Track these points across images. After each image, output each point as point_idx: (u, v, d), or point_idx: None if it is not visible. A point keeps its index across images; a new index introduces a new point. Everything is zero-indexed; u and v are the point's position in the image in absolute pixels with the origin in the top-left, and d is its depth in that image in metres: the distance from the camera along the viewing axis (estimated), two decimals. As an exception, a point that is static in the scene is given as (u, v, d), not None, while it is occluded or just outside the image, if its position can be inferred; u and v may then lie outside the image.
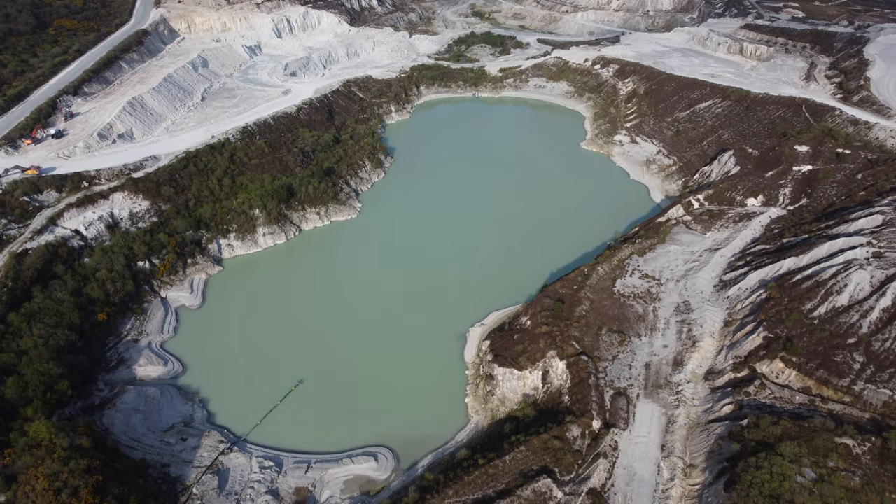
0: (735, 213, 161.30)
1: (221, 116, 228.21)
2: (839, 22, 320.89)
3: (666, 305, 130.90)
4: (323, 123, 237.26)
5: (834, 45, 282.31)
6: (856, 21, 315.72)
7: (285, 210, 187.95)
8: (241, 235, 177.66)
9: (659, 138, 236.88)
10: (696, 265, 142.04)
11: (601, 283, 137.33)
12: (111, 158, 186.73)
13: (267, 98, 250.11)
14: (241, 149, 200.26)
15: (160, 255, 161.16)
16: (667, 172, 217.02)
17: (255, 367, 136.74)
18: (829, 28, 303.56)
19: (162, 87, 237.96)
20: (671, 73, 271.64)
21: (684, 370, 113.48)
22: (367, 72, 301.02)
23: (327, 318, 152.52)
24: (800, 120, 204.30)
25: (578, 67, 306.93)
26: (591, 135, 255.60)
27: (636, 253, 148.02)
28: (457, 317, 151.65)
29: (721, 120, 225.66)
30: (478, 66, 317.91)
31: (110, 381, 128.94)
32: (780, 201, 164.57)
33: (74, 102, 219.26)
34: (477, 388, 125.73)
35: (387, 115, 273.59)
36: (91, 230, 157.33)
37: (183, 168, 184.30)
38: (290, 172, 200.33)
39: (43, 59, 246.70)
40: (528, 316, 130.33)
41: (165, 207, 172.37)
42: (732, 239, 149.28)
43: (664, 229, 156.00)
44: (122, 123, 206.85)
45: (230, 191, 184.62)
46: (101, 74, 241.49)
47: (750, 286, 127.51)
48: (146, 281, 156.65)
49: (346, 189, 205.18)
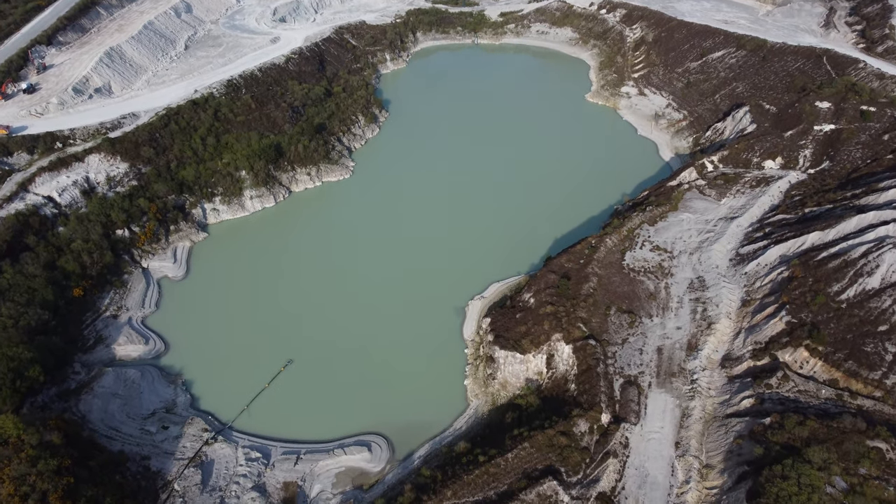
0: (752, 178, 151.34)
1: (206, 68, 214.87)
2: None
3: (679, 281, 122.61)
4: (314, 75, 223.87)
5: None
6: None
7: (274, 171, 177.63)
8: (227, 199, 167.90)
9: (668, 90, 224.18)
10: (710, 236, 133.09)
11: (609, 256, 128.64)
12: (87, 116, 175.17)
13: (254, 47, 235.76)
14: (226, 104, 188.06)
15: (140, 223, 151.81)
16: (676, 128, 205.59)
17: (242, 345, 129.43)
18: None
19: (142, 36, 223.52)
20: (682, 18, 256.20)
21: (699, 356, 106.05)
22: (360, 16, 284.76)
23: (318, 289, 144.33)
24: (820, 73, 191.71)
25: (583, 12, 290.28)
26: (597, 86, 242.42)
27: (646, 222, 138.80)
28: (455, 288, 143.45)
29: (735, 71, 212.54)
30: (477, 10, 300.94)
31: (88, 363, 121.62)
32: (801, 164, 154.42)
33: (48, 53, 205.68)
34: (477, 369, 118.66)
35: (381, 64, 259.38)
36: (65, 196, 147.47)
37: (164, 126, 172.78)
38: (278, 130, 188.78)
39: (14, 6, 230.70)
40: (532, 293, 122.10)
41: (145, 170, 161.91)
42: (749, 206, 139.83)
43: (676, 195, 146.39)
44: (100, 76, 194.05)
45: (214, 151, 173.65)
46: (76, 22, 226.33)
47: (770, 262, 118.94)
48: (126, 251, 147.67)
49: (339, 147, 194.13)
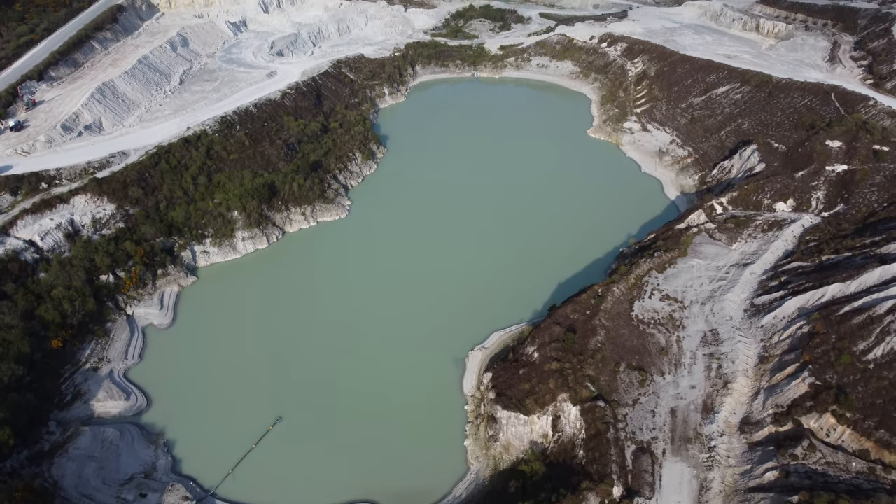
0: (763, 221, 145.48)
1: (200, 103, 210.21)
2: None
3: (691, 335, 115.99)
4: (310, 110, 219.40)
5: (857, 22, 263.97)
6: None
7: (267, 211, 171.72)
8: (217, 241, 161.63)
9: (672, 126, 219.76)
10: (722, 284, 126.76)
11: (617, 306, 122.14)
12: (75, 154, 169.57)
13: (250, 81, 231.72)
14: (219, 142, 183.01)
15: (126, 267, 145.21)
16: (681, 165, 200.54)
17: (229, 399, 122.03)
18: (851, 4, 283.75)
19: (136, 71, 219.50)
20: (684, 52, 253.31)
21: (716, 419, 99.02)
22: (359, 50, 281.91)
23: (310, 338, 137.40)
24: (829, 110, 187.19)
25: (584, 46, 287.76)
26: (599, 121, 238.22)
27: (655, 269, 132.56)
28: (454, 336, 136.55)
29: (740, 107, 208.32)
30: (477, 44, 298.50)
31: (64, 421, 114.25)
32: (814, 207, 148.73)
33: (39, 89, 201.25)
34: (478, 429, 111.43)
35: (379, 98, 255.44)
36: (47, 240, 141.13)
37: (154, 165, 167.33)
38: (272, 168, 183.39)
39: (7, 39, 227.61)
40: (536, 346, 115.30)
41: (133, 211, 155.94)
42: (762, 252, 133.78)
43: (685, 239, 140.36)
44: (90, 113, 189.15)
45: (206, 190, 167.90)
46: (70, 56, 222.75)
47: (788, 314, 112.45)
48: (110, 297, 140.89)
49: (335, 185, 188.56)
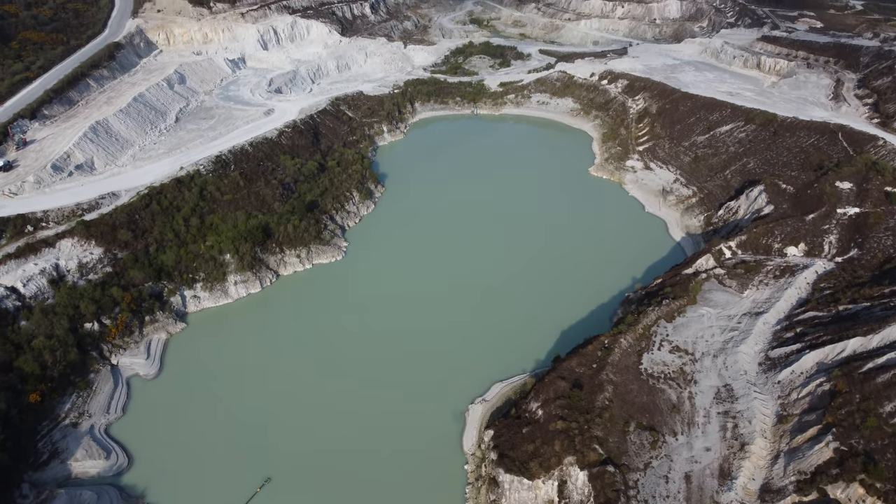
0: (774, 266, 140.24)
1: (195, 142, 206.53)
2: (862, 34, 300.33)
3: (704, 390, 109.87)
4: (307, 148, 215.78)
5: (860, 59, 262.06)
6: (880, 33, 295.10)
7: (261, 253, 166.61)
8: (209, 285, 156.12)
9: (675, 164, 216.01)
10: (735, 335, 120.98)
11: (625, 358, 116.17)
12: (64, 196, 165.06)
13: (247, 119, 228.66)
14: (213, 182, 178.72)
15: (112, 314, 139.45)
16: (686, 205, 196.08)
17: (215, 457, 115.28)
18: (852, 41, 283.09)
19: (131, 109, 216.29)
20: (686, 90, 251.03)
21: (734, 486, 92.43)
22: (358, 87, 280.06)
23: (302, 389, 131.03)
24: (836, 149, 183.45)
25: (584, 83, 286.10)
26: (601, 159, 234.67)
27: (663, 318, 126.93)
28: (454, 388, 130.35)
29: (745, 146, 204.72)
30: (476, 81, 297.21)
31: (39, 482, 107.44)
32: (826, 251, 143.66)
33: (31, 128, 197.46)
34: (479, 492, 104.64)
35: (378, 136, 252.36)
36: (30, 287, 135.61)
37: (144, 207, 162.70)
38: (267, 209, 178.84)
39: (1, 78, 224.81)
40: (540, 402, 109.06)
41: (121, 255, 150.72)
42: (775, 300, 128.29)
43: (694, 286, 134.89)
44: (82, 152, 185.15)
45: (198, 233, 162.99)
46: (64, 94, 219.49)
47: (806, 370, 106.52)
48: (94, 346, 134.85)
49: (331, 226, 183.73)
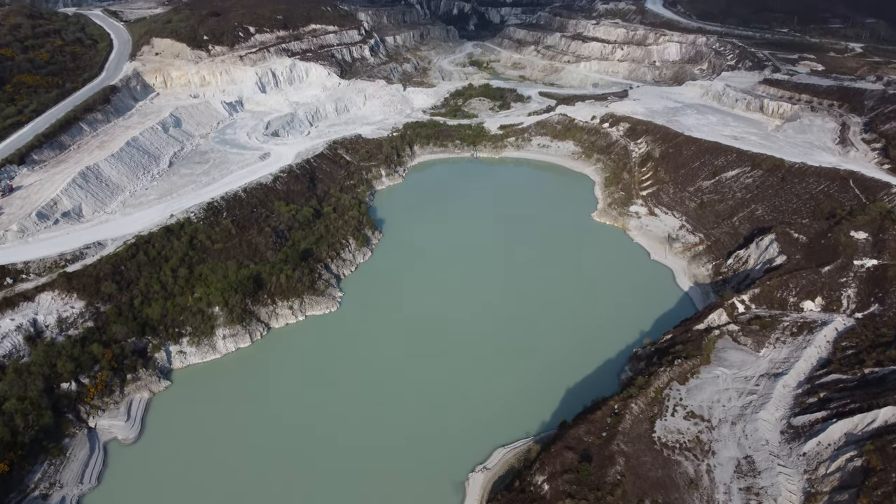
0: (791, 322, 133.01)
1: (187, 188, 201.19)
2: (865, 77, 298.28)
3: (723, 462, 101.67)
4: (303, 194, 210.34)
5: (864, 102, 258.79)
6: (883, 76, 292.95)
7: (251, 305, 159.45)
8: (195, 339, 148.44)
9: (681, 210, 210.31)
10: (753, 399, 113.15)
11: (636, 426, 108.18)
12: (47, 245, 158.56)
13: (242, 164, 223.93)
14: (204, 230, 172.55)
15: (91, 373, 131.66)
16: (693, 252, 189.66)
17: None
18: (855, 84, 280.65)
19: (123, 153, 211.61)
20: (689, 134, 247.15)
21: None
22: (356, 129, 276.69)
23: (290, 453, 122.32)
24: (848, 196, 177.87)
25: (585, 126, 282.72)
26: (603, 204, 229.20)
27: (676, 379, 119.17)
28: (453, 453, 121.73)
29: (752, 192, 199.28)
30: (476, 123, 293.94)
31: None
32: (845, 306, 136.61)
33: (18, 173, 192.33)
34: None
35: (376, 179, 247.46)
36: (5, 344, 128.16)
37: (131, 258, 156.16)
38: (259, 258, 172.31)
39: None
40: (546, 475, 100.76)
41: (104, 309, 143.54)
42: (794, 360, 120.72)
43: (707, 344, 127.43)
44: (70, 199, 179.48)
45: (186, 284, 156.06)
46: (55, 139, 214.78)
47: (833, 441, 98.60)
48: (70, 407, 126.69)
49: (326, 275, 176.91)
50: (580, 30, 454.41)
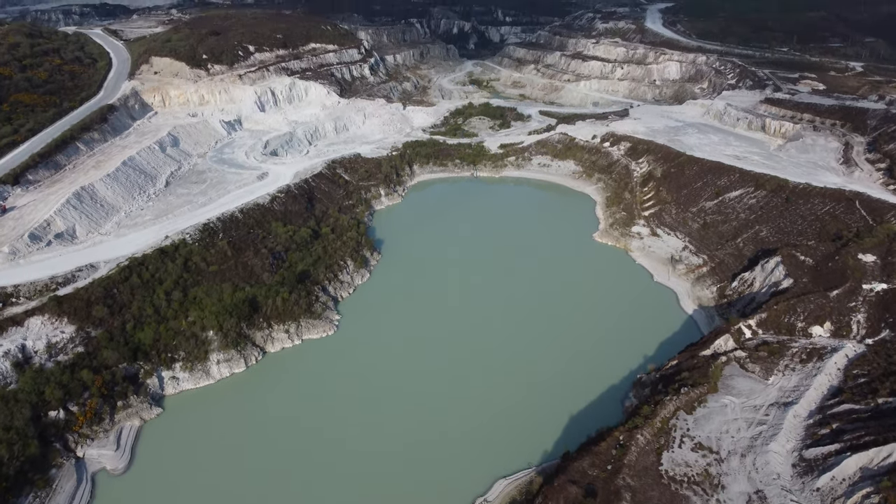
0: (800, 348, 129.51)
1: (184, 208, 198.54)
2: (867, 96, 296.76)
3: (733, 497, 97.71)
4: (301, 214, 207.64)
5: (867, 122, 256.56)
6: (885, 95, 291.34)
7: (247, 329, 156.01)
8: (189, 365, 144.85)
9: (683, 231, 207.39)
10: (763, 430, 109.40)
11: (643, 458, 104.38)
12: (39, 268, 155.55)
13: (239, 184, 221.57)
14: (199, 252, 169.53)
15: (80, 400, 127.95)
16: (697, 274, 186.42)
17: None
18: (857, 103, 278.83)
19: (119, 173, 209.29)
20: (691, 153, 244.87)
21: None
22: (355, 149, 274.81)
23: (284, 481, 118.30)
24: (854, 218, 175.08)
25: (586, 145, 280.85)
26: (605, 224, 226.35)
27: (683, 408, 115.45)
28: (452, 484, 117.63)
29: (756, 213, 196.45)
30: (476, 142, 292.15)
31: None
32: (855, 332, 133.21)
33: (12, 194, 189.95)
34: None
35: (375, 199, 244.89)
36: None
37: (124, 280, 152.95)
38: (255, 280, 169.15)
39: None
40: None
41: (95, 333, 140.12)
42: (804, 388, 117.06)
43: (714, 371, 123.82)
44: (63, 220, 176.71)
45: (180, 307, 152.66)
46: (51, 158, 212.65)
47: (848, 475, 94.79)
48: (58, 436, 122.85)
49: (323, 298, 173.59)
50: (580, 49, 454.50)
